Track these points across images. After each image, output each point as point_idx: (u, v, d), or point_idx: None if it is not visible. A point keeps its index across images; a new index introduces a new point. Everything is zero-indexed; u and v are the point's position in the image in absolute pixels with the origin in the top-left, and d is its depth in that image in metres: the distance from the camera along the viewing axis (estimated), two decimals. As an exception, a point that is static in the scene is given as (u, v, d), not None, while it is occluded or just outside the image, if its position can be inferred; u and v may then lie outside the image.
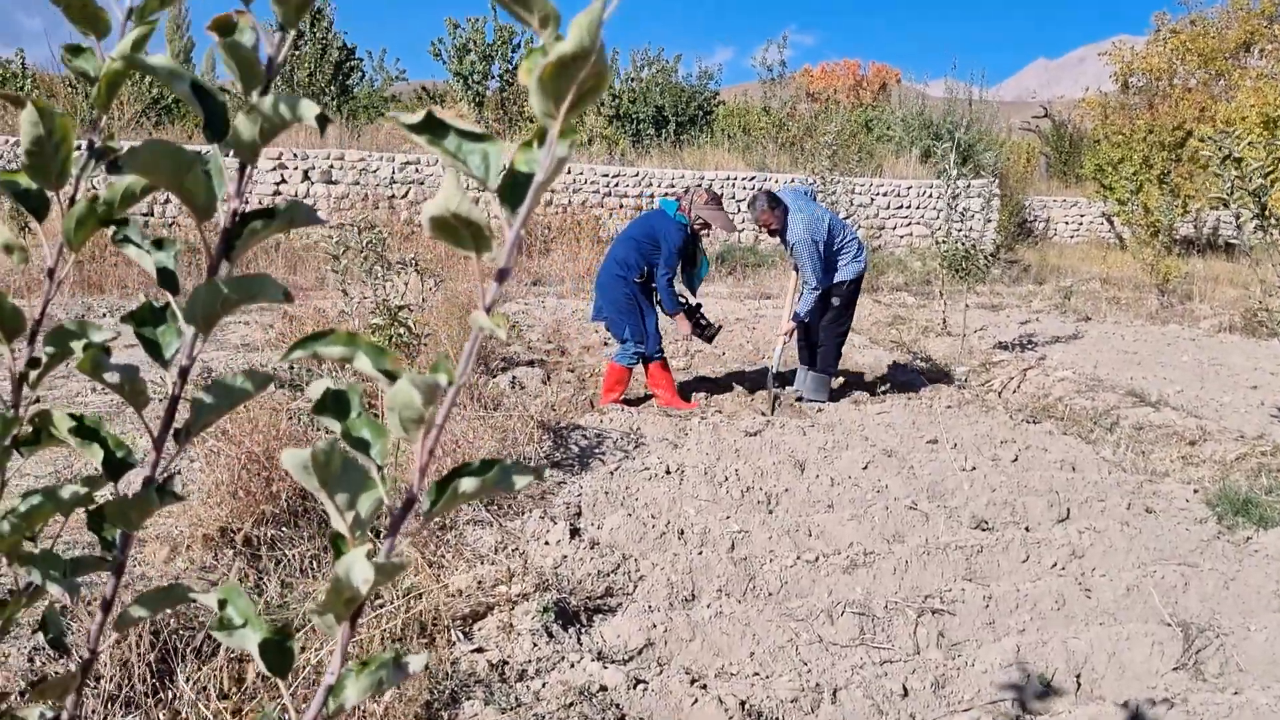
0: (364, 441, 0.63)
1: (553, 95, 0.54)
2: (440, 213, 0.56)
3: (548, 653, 3.13)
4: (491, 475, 0.59)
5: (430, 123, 0.58)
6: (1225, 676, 3.22)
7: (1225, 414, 6.84)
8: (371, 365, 0.59)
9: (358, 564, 0.56)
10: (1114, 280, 14.72)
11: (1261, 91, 17.83)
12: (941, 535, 4.30)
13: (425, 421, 0.57)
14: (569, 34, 0.52)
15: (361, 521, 0.60)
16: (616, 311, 6.41)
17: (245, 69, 0.65)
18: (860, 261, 6.80)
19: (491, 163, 0.58)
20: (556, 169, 0.57)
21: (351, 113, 18.58)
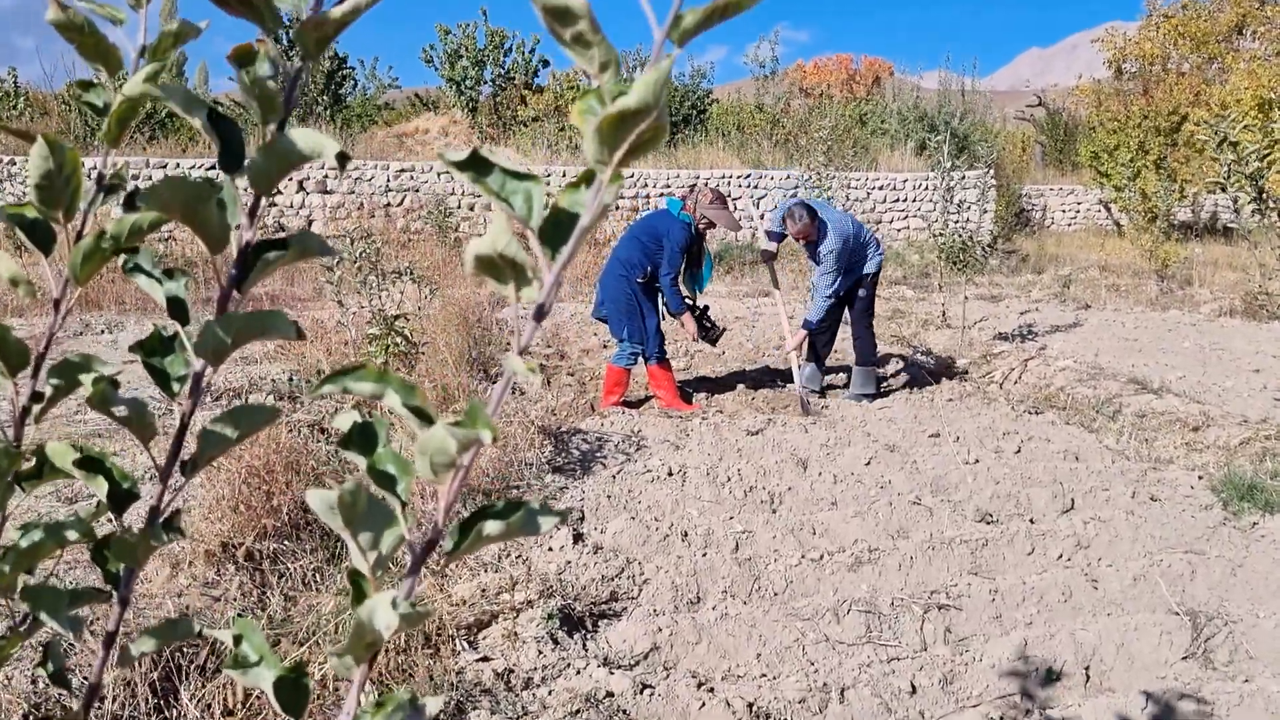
0: (390, 477, 0.62)
1: (609, 144, 0.54)
2: (488, 252, 0.55)
3: (553, 660, 3.12)
4: (517, 519, 0.59)
5: (475, 161, 0.57)
6: (1235, 665, 3.21)
7: (1228, 399, 6.83)
8: (401, 403, 0.58)
9: (381, 609, 0.55)
10: (1113, 267, 14.70)
11: (1255, 74, 17.83)
12: (946, 530, 4.29)
13: (456, 466, 0.56)
14: (635, 89, 0.52)
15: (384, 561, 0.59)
16: (617, 310, 6.41)
17: (265, 102, 0.65)
18: (880, 254, 6.96)
19: (535, 202, 0.58)
20: (601, 213, 0.56)
21: (345, 121, 18.59)
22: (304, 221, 14.41)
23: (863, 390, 6.88)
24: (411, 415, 0.58)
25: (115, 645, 0.73)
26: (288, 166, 0.61)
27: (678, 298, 6.49)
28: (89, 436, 5.11)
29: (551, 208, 0.56)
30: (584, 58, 0.53)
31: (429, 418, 0.58)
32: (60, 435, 5.26)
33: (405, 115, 21.31)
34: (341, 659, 0.57)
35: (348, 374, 0.59)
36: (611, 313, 6.46)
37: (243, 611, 3.38)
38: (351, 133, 17.54)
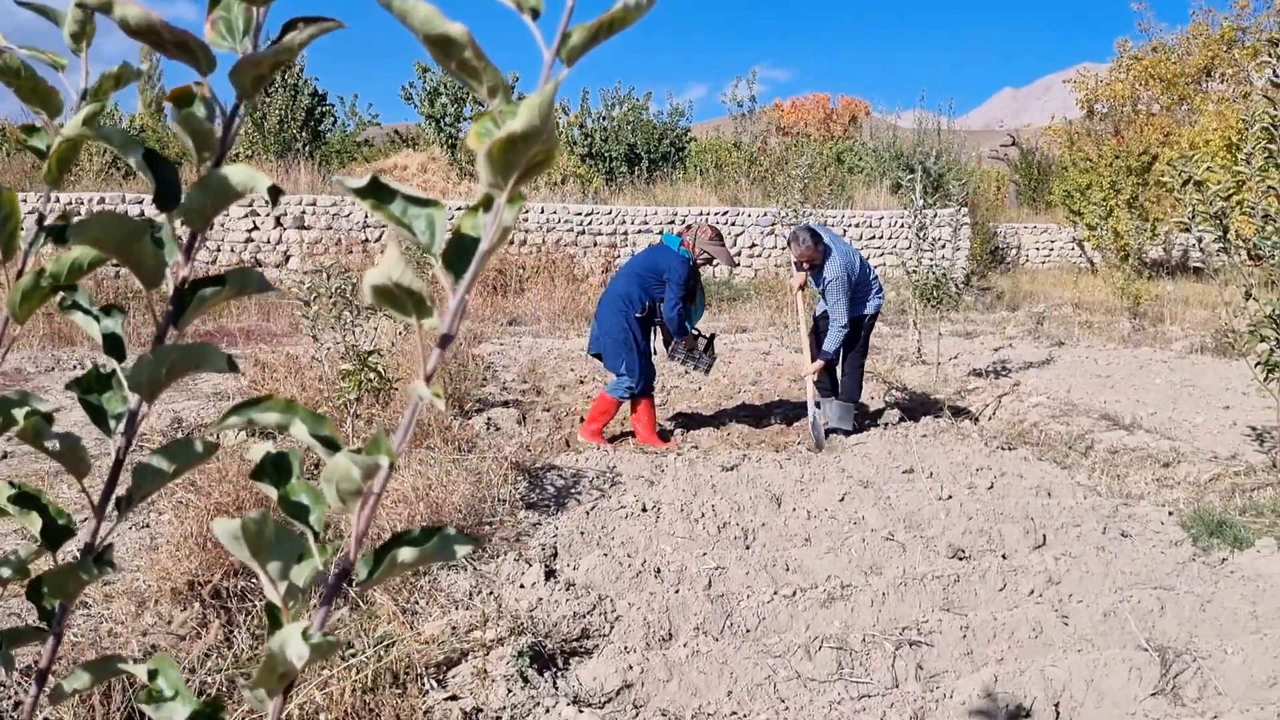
0: (302, 507, 0.62)
1: (500, 168, 0.54)
2: (382, 282, 0.56)
3: (523, 699, 3.09)
4: (431, 545, 0.59)
5: (375, 187, 0.58)
6: (1204, 700, 3.21)
7: (1198, 435, 6.89)
8: (308, 433, 0.59)
9: (293, 641, 0.55)
10: (1086, 304, 14.86)
11: (1223, 115, 18.14)
12: (919, 566, 4.29)
13: (363, 494, 0.57)
14: (520, 113, 0.52)
15: (297, 591, 0.59)
16: (614, 344, 6.46)
17: (199, 139, 0.65)
18: (880, 295, 7.02)
19: (437, 228, 0.58)
20: (502, 237, 0.57)
21: (324, 157, 18.63)
22: (280, 257, 14.38)
23: (839, 425, 6.90)
24: (319, 445, 0.58)
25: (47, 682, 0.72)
26: (222, 202, 0.61)
27: (682, 328, 6.58)
28: (56, 473, 5.06)
29: (454, 233, 0.57)
30: (473, 84, 0.54)
31: (337, 447, 0.59)
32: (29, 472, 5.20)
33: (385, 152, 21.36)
34: (254, 692, 0.57)
35: (254, 405, 0.60)
36: (608, 346, 6.49)
37: (210, 650, 3.34)
38: (330, 169, 17.56)
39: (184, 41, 0.59)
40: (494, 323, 12.34)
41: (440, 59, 0.54)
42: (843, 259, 6.56)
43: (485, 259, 0.56)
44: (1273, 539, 4.47)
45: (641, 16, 0.53)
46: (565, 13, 0.53)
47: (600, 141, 20.44)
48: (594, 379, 8.80)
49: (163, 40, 0.62)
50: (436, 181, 17.08)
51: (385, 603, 3.64)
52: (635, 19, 0.53)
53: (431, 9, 0.52)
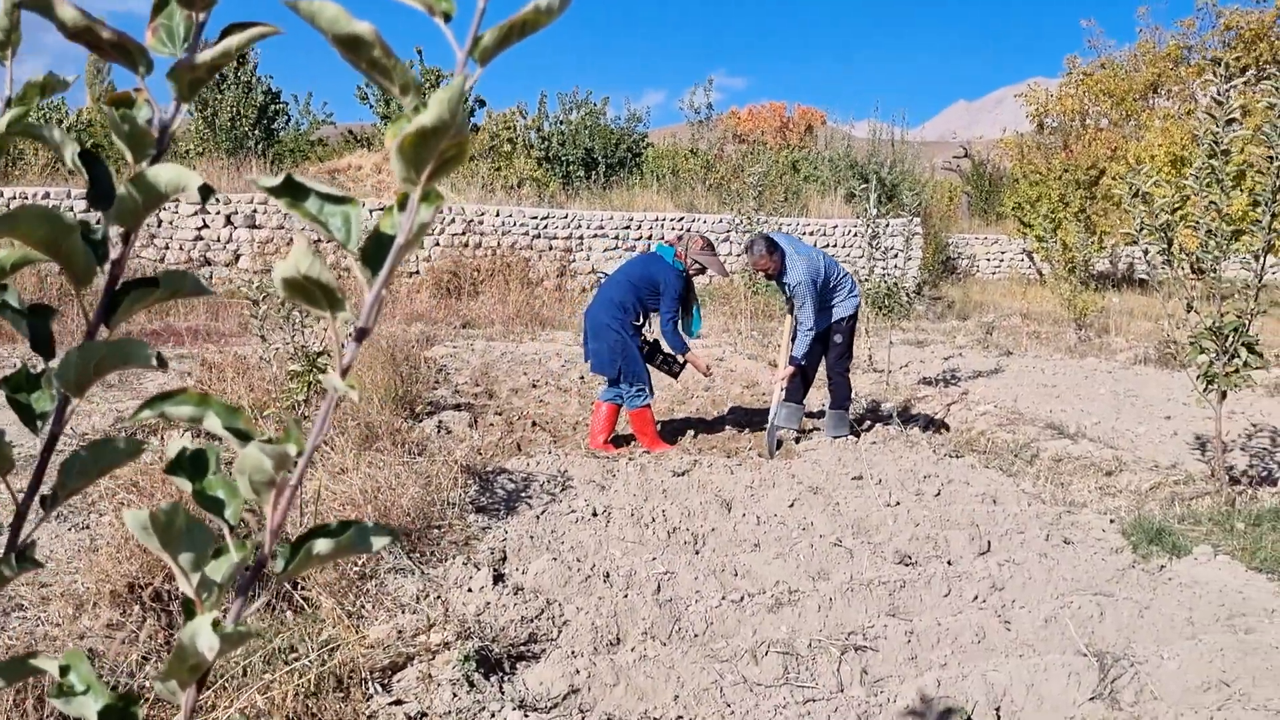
0: (218, 502, 0.61)
1: (413, 163, 0.54)
2: (292, 274, 0.55)
3: (468, 703, 3.07)
4: (347, 537, 0.58)
5: (290, 186, 0.57)
6: (1140, 705, 3.27)
7: (1140, 444, 7.02)
8: (222, 425, 0.58)
9: (203, 632, 0.55)
10: (1034, 315, 15.09)
11: (1169, 131, 18.53)
12: (866, 571, 4.33)
13: (276, 485, 0.56)
14: (430, 107, 0.53)
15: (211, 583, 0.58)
16: (612, 353, 6.49)
17: (135, 141, 0.65)
18: (856, 296, 7.03)
19: (353, 225, 0.58)
20: (419, 233, 0.57)
21: (277, 156, 18.43)
22: (230, 255, 14.20)
23: (836, 432, 6.94)
24: (233, 437, 0.58)
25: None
26: (153, 201, 0.61)
27: (680, 342, 6.63)
28: None
29: (373, 230, 0.57)
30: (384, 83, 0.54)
31: (250, 439, 0.58)
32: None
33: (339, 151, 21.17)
34: (166, 684, 0.56)
35: (167, 399, 0.59)
36: (606, 355, 6.50)
37: (149, 654, 3.29)
38: (283, 167, 17.37)
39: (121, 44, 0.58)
40: (447, 325, 12.26)
41: (350, 59, 0.54)
42: (806, 264, 6.57)
43: (402, 254, 0.56)
44: (1210, 546, 4.56)
45: (554, 19, 0.53)
46: (477, 15, 0.53)
47: (557, 145, 20.43)
48: (546, 383, 8.78)
49: (100, 42, 0.61)
50: (392, 182, 16.95)
51: (330, 606, 3.60)
52: (547, 22, 0.53)
53: (339, 9, 0.52)
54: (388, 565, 4.12)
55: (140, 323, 11.07)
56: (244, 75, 18.50)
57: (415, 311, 12.80)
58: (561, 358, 10.23)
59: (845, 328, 6.93)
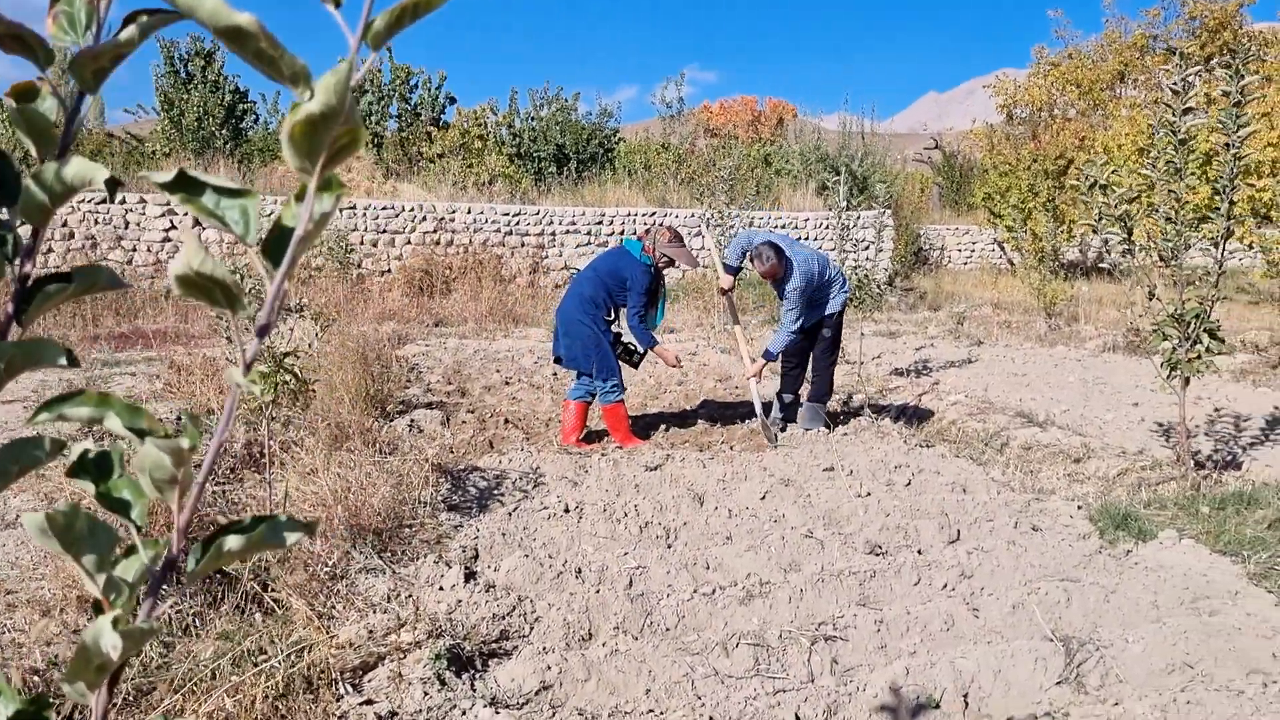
0: (124, 503, 0.61)
1: (305, 152, 0.54)
2: (185, 272, 0.55)
3: (439, 701, 3.07)
4: (258, 533, 0.58)
5: (183, 180, 0.57)
6: (1106, 688, 3.31)
7: (1108, 431, 7.09)
8: (123, 425, 0.58)
9: (105, 632, 0.54)
10: (1005, 305, 15.20)
11: (1135, 120, 18.70)
12: (836, 562, 4.35)
13: (180, 482, 0.56)
14: (317, 94, 0.52)
15: (120, 584, 0.58)
16: (585, 348, 6.51)
17: (39, 135, 0.64)
18: (845, 291, 7.09)
19: (251, 218, 0.58)
20: (320, 223, 0.56)
21: (245, 156, 18.27)
22: (201, 257, 14.07)
23: (809, 424, 6.99)
24: (136, 437, 0.57)
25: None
26: (60, 196, 0.60)
27: (647, 335, 6.64)
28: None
29: (273, 223, 0.57)
30: (272, 74, 0.54)
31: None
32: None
33: (308, 150, 21.01)
34: (73, 685, 0.56)
35: (66, 400, 0.59)
36: (579, 351, 6.51)
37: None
38: (252, 167, 17.23)
39: (18, 34, 0.58)
40: (419, 324, 12.22)
41: (236, 50, 0.54)
42: (803, 270, 6.62)
43: (302, 246, 0.56)
44: (1175, 531, 4.62)
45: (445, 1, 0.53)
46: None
47: (528, 142, 20.37)
48: (520, 380, 8.77)
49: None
50: (360, 181, 16.86)
51: (300, 607, 3.59)
52: (440, 3, 0.53)
53: (218, 1, 0.51)
54: (359, 565, 4.11)
55: (109, 326, 10.97)
56: (210, 74, 18.33)
57: (387, 310, 12.75)
58: (534, 354, 10.22)
59: (834, 322, 6.99)
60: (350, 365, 6.99)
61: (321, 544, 4.14)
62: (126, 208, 13.81)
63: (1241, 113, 4.94)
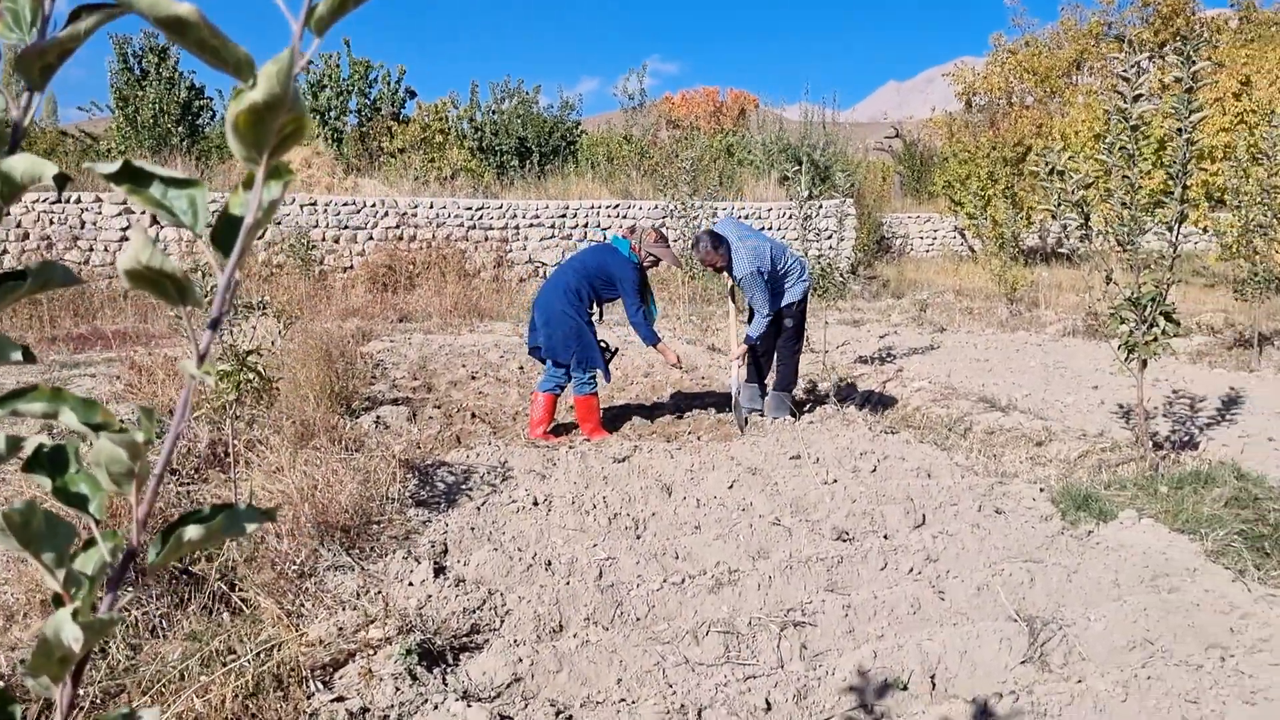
0: (82, 497, 0.61)
1: (251, 141, 0.54)
2: (133, 265, 0.55)
3: (411, 696, 3.07)
4: (218, 521, 0.59)
5: (129, 171, 0.57)
6: (1069, 666, 3.37)
7: (1069, 414, 7.19)
8: (78, 421, 0.58)
9: (65, 624, 0.55)
10: (967, 291, 15.35)
11: (1091, 107, 18.92)
12: (804, 549, 4.39)
13: (137, 475, 0.56)
14: (260, 83, 0.52)
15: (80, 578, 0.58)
16: (565, 338, 6.52)
17: None
18: (805, 280, 7.08)
19: (199, 208, 0.58)
20: (269, 211, 0.57)
21: (203, 153, 18.05)
22: (160, 256, 13.91)
23: (776, 413, 7.04)
24: (93, 432, 0.58)
25: None
26: (11, 194, 0.60)
27: (652, 334, 6.71)
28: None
29: (222, 212, 0.57)
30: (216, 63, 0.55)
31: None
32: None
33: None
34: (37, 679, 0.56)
35: (19, 396, 0.59)
36: (559, 340, 6.52)
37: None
38: (209, 164, 17.04)
39: (-40, 33, 0.57)
40: (383, 320, 12.15)
41: (178, 40, 0.54)
42: (752, 254, 6.64)
43: (252, 234, 0.56)
44: (1134, 511, 4.70)
45: None
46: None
47: (490, 135, 20.28)
48: (486, 374, 8.75)
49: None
50: (321, 176, 16.72)
51: (269, 606, 3.57)
52: None
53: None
54: (327, 563, 4.10)
55: (67, 327, 10.82)
56: (165, 71, 18.08)
57: (350, 307, 12.66)
58: (500, 349, 10.20)
59: (795, 311, 7.01)
60: (314, 363, 6.94)
61: (289, 542, 4.12)
62: (82, 207, 13.61)
63: (1193, 98, 5.03)
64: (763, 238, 6.95)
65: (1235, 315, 11.96)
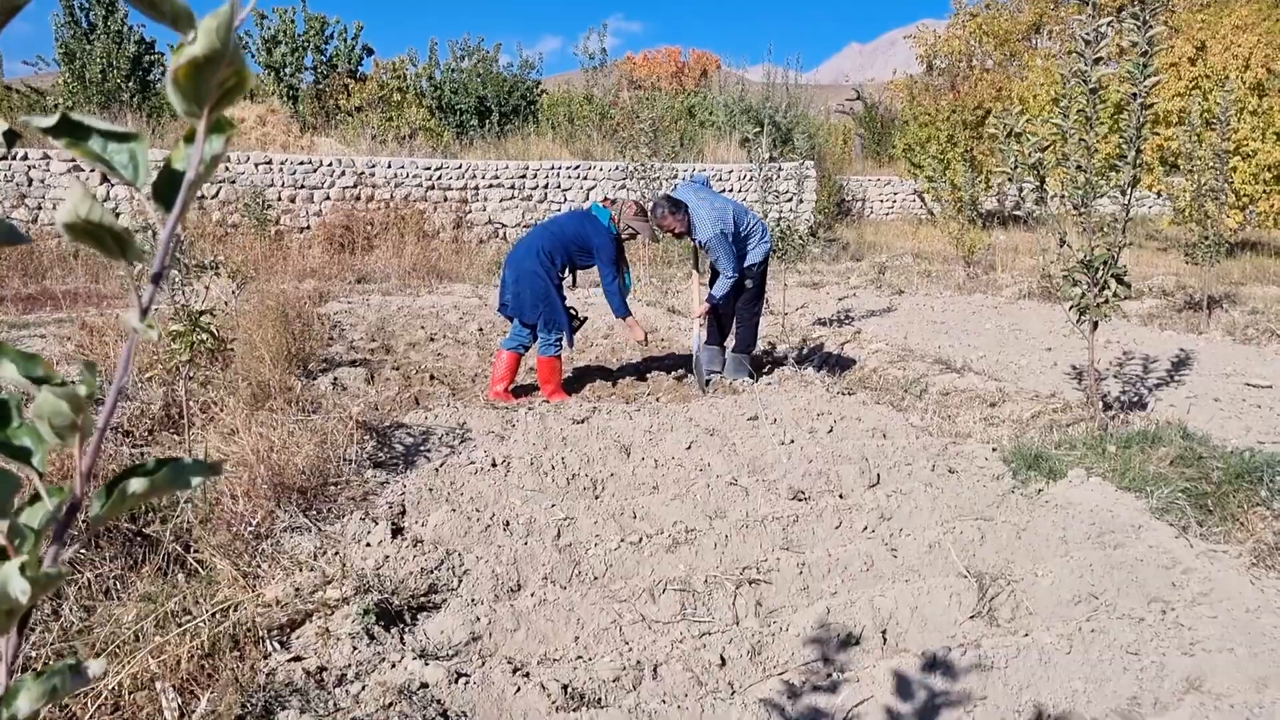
0: (25, 450, 0.61)
1: (192, 96, 0.54)
2: (73, 219, 0.55)
3: (368, 655, 3.08)
4: (162, 474, 0.59)
5: (67, 124, 0.57)
6: (1016, 620, 3.45)
7: (1023, 375, 7.31)
8: (20, 373, 0.58)
9: (13, 577, 0.55)
10: (925, 254, 15.47)
11: (1050, 71, 19.02)
12: (760, 508, 4.44)
13: (80, 428, 0.56)
14: (199, 37, 0.52)
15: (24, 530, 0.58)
16: (534, 299, 6.52)
17: None
18: (766, 242, 7.11)
19: (139, 162, 0.57)
20: (211, 165, 0.57)
21: (154, 110, 17.68)
22: (111, 215, 13.64)
23: (735, 375, 7.08)
24: (35, 386, 0.58)
25: None
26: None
27: (623, 306, 6.72)
28: None
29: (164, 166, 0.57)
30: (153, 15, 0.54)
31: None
32: None
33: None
34: (-19, 631, 0.57)
35: None
36: (528, 301, 6.53)
37: (35, 624, 3.21)
38: (161, 121, 16.70)
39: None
40: (341, 281, 12.04)
41: None
42: (713, 217, 6.66)
43: (194, 189, 0.56)
44: (1083, 470, 4.79)
45: None
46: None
47: (449, 94, 20.03)
48: (445, 336, 8.71)
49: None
50: (276, 135, 16.45)
51: (225, 568, 3.56)
52: None
53: None
54: (284, 524, 4.08)
55: (15, 287, 10.61)
56: (113, 25, 17.64)
57: (307, 268, 12.52)
58: (459, 310, 10.15)
59: (756, 273, 7.04)
60: (270, 323, 6.87)
61: (245, 504, 4.10)
62: (29, 164, 13.29)
63: (1148, 63, 5.08)
64: (724, 200, 6.97)
65: (1186, 278, 12.17)
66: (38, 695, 0.59)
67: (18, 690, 0.59)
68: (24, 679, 0.60)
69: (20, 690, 0.59)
